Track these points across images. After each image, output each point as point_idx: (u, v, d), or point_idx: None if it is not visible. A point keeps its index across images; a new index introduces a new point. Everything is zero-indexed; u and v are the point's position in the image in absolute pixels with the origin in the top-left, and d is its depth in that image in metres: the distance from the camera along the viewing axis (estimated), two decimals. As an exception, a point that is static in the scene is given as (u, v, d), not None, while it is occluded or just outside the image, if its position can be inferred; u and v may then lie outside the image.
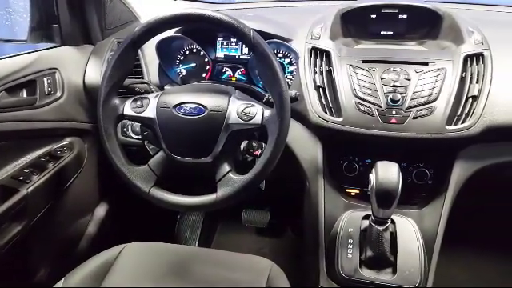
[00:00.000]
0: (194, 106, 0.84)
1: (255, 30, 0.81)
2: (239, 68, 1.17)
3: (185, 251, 1.01)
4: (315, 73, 1.02)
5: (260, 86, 1.14)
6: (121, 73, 0.87)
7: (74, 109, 1.17)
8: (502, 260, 1.46)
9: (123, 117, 0.88)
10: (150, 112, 0.86)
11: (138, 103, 0.88)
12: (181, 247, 1.07)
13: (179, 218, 1.67)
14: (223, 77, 1.18)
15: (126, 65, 0.88)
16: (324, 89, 0.99)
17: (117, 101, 0.88)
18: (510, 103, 0.92)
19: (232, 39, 1.17)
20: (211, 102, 0.84)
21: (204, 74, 1.19)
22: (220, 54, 1.18)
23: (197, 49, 1.18)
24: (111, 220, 1.39)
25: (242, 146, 0.94)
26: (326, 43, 1.04)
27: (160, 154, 0.88)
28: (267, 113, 0.84)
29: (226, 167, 0.85)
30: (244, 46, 1.16)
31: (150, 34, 0.84)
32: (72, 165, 1.18)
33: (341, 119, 0.95)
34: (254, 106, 0.85)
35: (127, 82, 0.97)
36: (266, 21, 1.18)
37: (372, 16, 1.15)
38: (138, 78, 1.17)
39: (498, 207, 1.35)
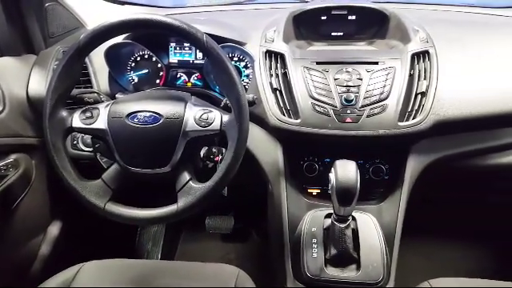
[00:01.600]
0: (148, 114, 0.81)
1: (208, 34, 0.80)
2: (194, 73, 1.15)
3: (147, 265, 0.97)
4: (271, 75, 1.02)
5: (217, 90, 1.13)
6: (67, 83, 0.83)
7: (17, 123, 1.09)
8: (457, 246, 1.55)
9: (72, 129, 0.83)
10: (101, 123, 0.82)
11: (88, 114, 0.84)
12: (142, 262, 1.03)
13: (139, 230, 1.62)
14: (178, 82, 1.16)
15: (73, 74, 0.83)
16: (281, 91, 1.00)
17: (64, 113, 0.83)
18: (456, 98, 0.97)
19: (185, 44, 1.14)
20: (166, 109, 0.82)
21: (158, 81, 1.16)
22: (173, 59, 1.15)
23: (148, 54, 1.14)
24: (66, 239, 1.32)
25: (202, 152, 0.92)
26: (279, 46, 1.05)
27: (114, 167, 0.85)
28: (225, 118, 0.83)
29: (185, 176, 0.82)
30: (198, 50, 1.14)
31: (96, 42, 0.80)
32: (19, 183, 1.10)
33: (299, 121, 0.96)
34: (211, 111, 0.84)
35: (75, 92, 0.92)
36: (219, 24, 1.17)
37: (323, 18, 1.18)
38: (87, 87, 1.11)
39: (451, 197, 1.42)
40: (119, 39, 1.09)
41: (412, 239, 1.14)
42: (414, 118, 0.93)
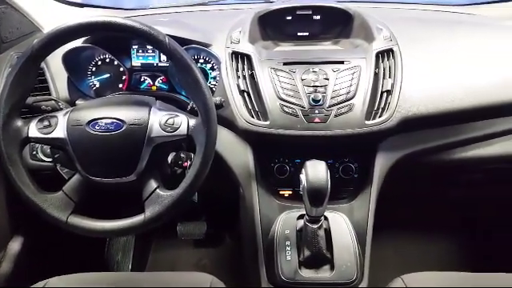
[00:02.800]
0: (109, 121, 0.78)
1: (171, 35, 0.78)
2: (159, 76, 1.12)
3: (116, 278, 0.93)
4: (238, 77, 1.00)
5: (183, 93, 1.10)
6: (21, 90, 0.78)
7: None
8: (427, 240, 1.59)
9: (28, 140, 0.79)
10: (60, 132, 0.78)
11: (45, 123, 0.79)
12: (111, 274, 0.99)
13: (108, 241, 1.55)
14: (142, 86, 1.12)
15: (27, 81, 0.78)
16: (248, 93, 0.99)
17: (19, 122, 0.78)
18: (421, 95, 0.98)
19: (148, 46, 1.11)
20: (129, 115, 0.79)
21: (120, 85, 1.11)
22: (136, 62, 1.11)
23: (110, 58, 1.10)
24: (29, 255, 1.24)
25: (170, 158, 0.90)
26: (245, 47, 1.04)
27: (76, 178, 0.80)
28: (192, 122, 0.80)
29: (152, 184, 0.79)
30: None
31: (51, 46, 0.76)
32: (-28, 199, 1.03)
33: (267, 122, 0.95)
34: (177, 115, 0.81)
35: (30, 100, 0.87)
36: (183, 26, 1.14)
37: (288, 18, 1.18)
38: (45, 94, 1.05)
39: (419, 192, 1.46)
40: (78, 43, 1.04)
41: (383, 235, 1.16)
42: (380, 117, 0.94)
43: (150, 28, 0.74)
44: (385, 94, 0.96)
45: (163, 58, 1.11)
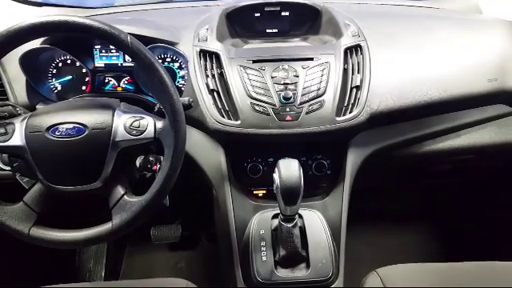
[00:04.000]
0: (71, 126, 0.74)
1: (134, 34, 0.75)
2: (124, 77, 1.07)
3: (86, 289, 0.89)
4: (207, 76, 0.98)
5: (151, 94, 1.06)
6: None
7: None
8: (400, 232, 1.62)
9: None
10: (17, 139, 0.73)
11: (1, 130, 0.75)
12: (82, 285, 0.95)
13: (78, 249, 1.50)
14: (107, 88, 1.07)
15: None
16: (218, 92, 0.96)
17: None
18: (390, 90, 0.99)
19: (111, 46, 1.06)
20: (92, 119, 0.75)
21: (84, 87, 1.07)
22: (99, 63, 1.07)
23: (71, 59, 1.05)
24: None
25: (138, 162, 0.86)
26: (214, 45, 1.01)
27: (37, 187, 0.76)
28: (160, 124, 0.77)
29: (119, 190, 0.76)
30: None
31: (3, 49, 0.71)
32: None
33: (238, 122, 0.93)
34: (143, 118, 0.78)
35: (-17, 106, 0.81)
36: (147, 24, 1.10)
37: (256, 15, 1.16)
38: (2, 99, 0.99)
39: (391, 185, 1.48)
40: (36, 44, 0.99)
41: (357, 230, 1.17)
42: (350, 112, 0.94)
43: (110, 27, 0.71)
44: (354, 90, 0.96)
45: (128, 57, 1.07)
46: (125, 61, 1.07)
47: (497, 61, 1.09)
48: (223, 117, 0.94)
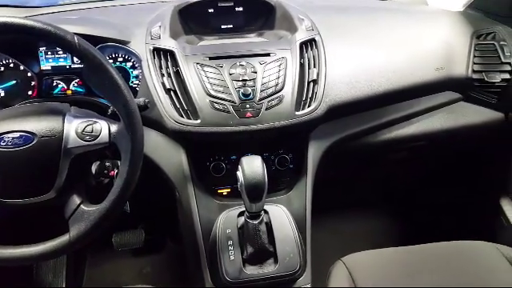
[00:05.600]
0: (17, 135, 0.69)
1: (81, 34, 0.71)
2: (74, 79, 1.02)
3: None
4: (163, 75, 0.95)
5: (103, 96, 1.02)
6: None
7: None
8: (363, 219, 1.68)
9: None
10: None
11: None
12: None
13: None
14: (55, 92, 1.01)
15: None
16: (175, 91, 0.94)
17: None
18: (346, 82, 1.01)
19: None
20: (40, 126, 0.70)
21: (30, 92, 1.00)
22: (46, 65, 1.00)
23: (14, 63, 0.98)
24: None
25: (94, 168, 0.82)
26: (167, 42, 0.98)
27: (-17, 202, 0.70)
28: (114, 128, 0.74)
29: (75, 200, 0.73)
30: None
31: None
32: None
33: (198, 121, 0.91)
34: (96, 122, 0.74)
35: None
36: (95, 23, 1.05)
37: (210, 10, 1.14)
38: None
39: (352, 174, 1.53)
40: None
41: (322, 220, 1.19)
42: (309, 106, 0.95)
43: (55, 28, 0.67)
44: (312, 84, 0.97)
45: (77, 58, 1.01)
46: (73, 62, 1.01)
47: (443, 50, 1.15)
48: (182, 116, 0.92)
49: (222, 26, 1.17)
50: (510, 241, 1.24)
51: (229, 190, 1.01)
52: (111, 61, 1.01)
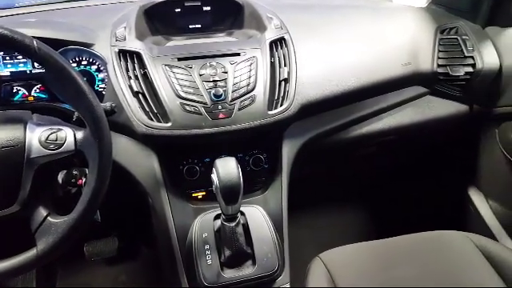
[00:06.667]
0: None
1: (41, 38, 0.67)
2: (35, 84, 0.97)
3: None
4: (130, 78, 0.92)
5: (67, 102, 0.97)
6: None
7: None
8: (336, 214, 1.70)
9: None
10: None
11: None
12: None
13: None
14: (16, 99, 0.96)
15: None
16: (144, 94, 0.91)
17: None
18: (316, 80, 1.02)
19: None
20: (0, 136, 0.66)
21: (-13, 100, 0.94)
22: (4, 71, 0.95)
23: (-33, 70, 0.92)
24: None
25: (60, 177, 0.79)
26: (133, 44, 0.95)
27: None
28: (80, 134, 0.71)
29: (41, 212, 0.69)
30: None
31: None
32: None
33: (169, 124, 0.89)
34: (61, 129, 0.71)
35: None
36: (56, 26, 1.00)
37: (177, 10, 1.11)
38: None
39: (325, 170, 1.54)
40: None
41: (298, 219, 1.20)
42: (281, 105, 0.95)
43: (11, 31, 0.63)
44: (283, 83, 0.97)
45: (37, 63, 0.97)
46: (34, 67, 0.96)
47: (409, 46, 1.17)
48: (152, 120, 0.89)
49: (190, 26, 1.14)
50: (478, 228, 1.29)
51: (204, 194, 0.99)
52: (75, 64, 0.97)
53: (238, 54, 0.97)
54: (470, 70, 1.16)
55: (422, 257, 0.95)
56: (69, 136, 0.70)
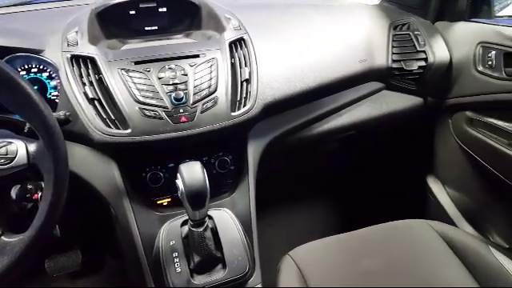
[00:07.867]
0: None
1: None
2: None
3: None
4: (84, 84, 0.88)
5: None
6: None
7: None
8: (303, 210, 1.72)
9: None
10: None
11: None
12: None
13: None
14: (-42, 111, 0.89)
15: None
16: (100, 100, 0.87)
17: None
18: (277, 79, 1.02)
19: None
20: None
21: None
22: None
23: None
24: None
25: (14, 193, 0.74)
26: (86, 49, 0.91)
27: None
28: (33, 147, 0.67)
29: None
30: None
31: None
32: None
33: (128, 131, 0.85)
34: (11, 142, 0.67)
35: None
36: (1, 32, 0.95)
37: (131, 12, 1.07)
38: None
39: (291, 168, 1.55)
40: None
41: (267, 218, 1.20)
42: (244, 106, 0.94)
43: None
44: (245, 84, 0.96)
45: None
46: None
47: (364, 43, 1.20)
48: (110, 127, 0.86)
49: (146, 28, 1.11)
50: (438, 215, 1.35)
51: (169, 200, 0.97)
52: (24, 72, 0.91)
53: (198, 56, 0.95)
54: (423, 63, 1.21)
55: (387, 246, 0.98)
56: (20, 149, 0.66)
